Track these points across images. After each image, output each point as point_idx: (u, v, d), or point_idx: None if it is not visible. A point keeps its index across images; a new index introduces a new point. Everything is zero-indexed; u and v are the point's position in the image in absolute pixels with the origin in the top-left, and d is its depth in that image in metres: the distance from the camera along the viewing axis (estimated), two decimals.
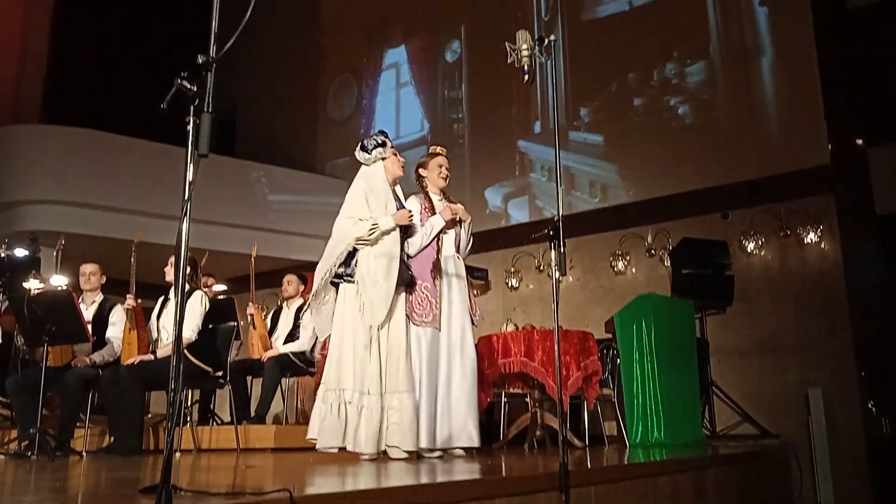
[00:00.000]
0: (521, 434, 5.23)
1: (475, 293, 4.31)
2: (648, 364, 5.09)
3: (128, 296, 5.14)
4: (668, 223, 7.10)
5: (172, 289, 5.02)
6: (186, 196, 1.87)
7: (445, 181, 4.21)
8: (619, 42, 7.90)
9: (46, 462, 4.06)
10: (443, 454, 3.84)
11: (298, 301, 6.01)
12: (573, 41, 8.25)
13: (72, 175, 7.95)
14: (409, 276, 3.82)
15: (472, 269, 4.30)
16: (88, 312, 5.15)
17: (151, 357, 4.89)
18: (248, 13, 2.01)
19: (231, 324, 5.29)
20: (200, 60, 1.90)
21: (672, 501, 3.32)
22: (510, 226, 8.25)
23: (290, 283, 6.08)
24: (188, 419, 5.57)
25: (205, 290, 5.25)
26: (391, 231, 3.74)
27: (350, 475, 2.84)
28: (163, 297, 5.17)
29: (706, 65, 7.40)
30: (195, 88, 1.90)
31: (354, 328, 3.66)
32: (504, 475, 2.89)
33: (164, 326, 5.03)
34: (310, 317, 5.76)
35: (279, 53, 10.51)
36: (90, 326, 4.98)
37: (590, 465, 3.42)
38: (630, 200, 7.55)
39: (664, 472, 3.35)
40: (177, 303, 1.95)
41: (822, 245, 6.46)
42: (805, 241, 6.50)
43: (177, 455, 4.65)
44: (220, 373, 5.06)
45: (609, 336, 5.52)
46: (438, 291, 3.99)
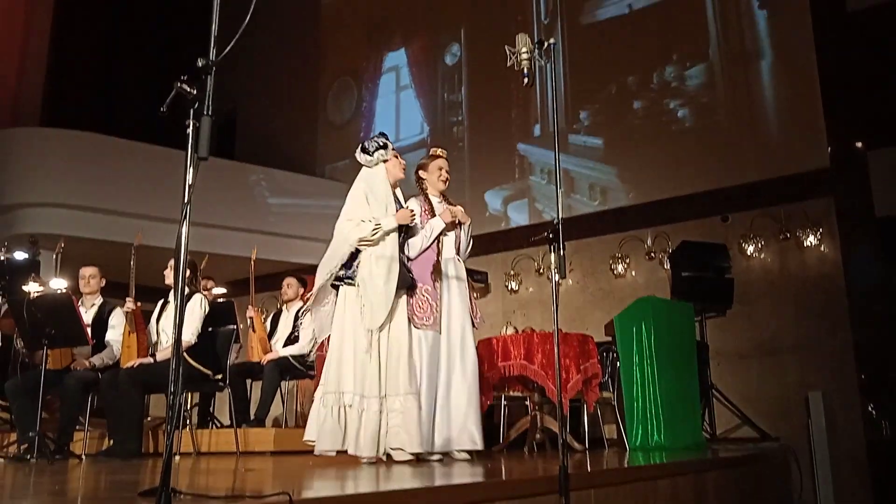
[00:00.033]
0: (521, 437, 5.22)
1: (475, 296, 4.30)
2: (648, 367, 5.09)
3: (127, 299, 5.14)
4: (668, 226, 7.11)
5: (172, 292, 5.02)
6: (186, 199, 1.87)
7: (445, 184, 4.19)
8: (619, 45, 7.91)
9: (46, 465, 4.05)
10: (442, 457, 3.82)
11: (298, 304, 6.02)
12: (573, 44, 8.26)
13: (72, 178, 7.95)
14: (410, 280, 3.82)
15: (472, 272, 4.29)
16: (88, 315, 5.16)
17: (151, 360, 4.89)
18: (248, 16, 2.01)
19: (230, 327, 5.30)
20: (200, 63, 1.91)
21: None
22: (510, 228, 8.25)
23: (290, 286, 6.08)
24: (188, 422, 5.56)
25: (204, 294, 5.26)
26: (392, 231, 3.74)
27: (349, 479, 2.83)
28: (162, 301, 5.17)
29: (706, 68, 7.40)
30: (195, 91, 1.90)
31: (355, 331, 3.65)
32: (504, 478, 2.89)
33: (164, 329, 5.03)
34: (309, 319, 5.78)
35: (279, 56, 10.52)
36: (89, 329, 4.99)
37: (590, 469, 3.42)
38: (630, 203, 7.55)
39: (664, 476, 3.35)
40: (176, 306, 1.95)
41: (822, 248, 6.46)
42: (805, 244, 6.51)
43: (176, 458, 4.64)
44: (220, 376, 5.06)
45: (609, 339, 5.52)
46: (439, 294, 3.99)
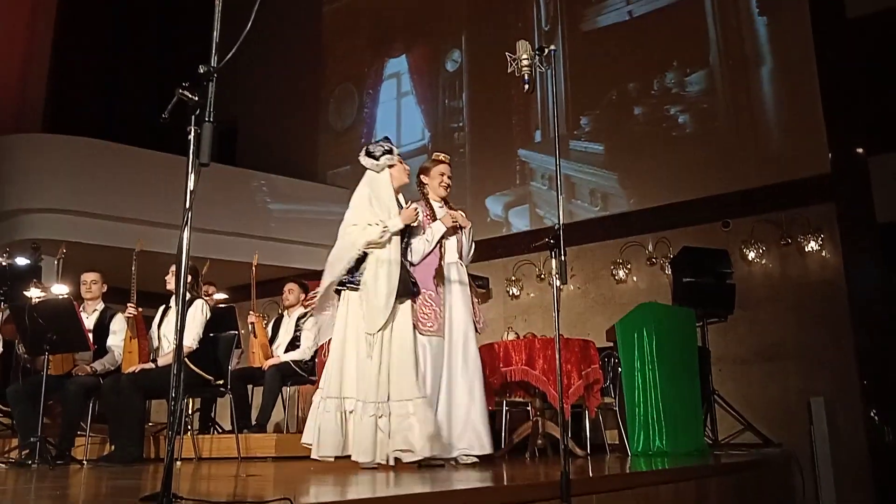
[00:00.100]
0: (523, 443, 5.22)
1: (477, 301, 4.29)
2: (650, 372, 5.09)
3: (129, 304, 5.15)
4: (669, 232, 7.11)
5: (173, 297, 5.03)
6: (187, 205, 1.88)
7: (446, 190, 4.18)
8: (619, 51, 7.92)
9: (47, 470, 4.05)
10: (444, 463, 3.81)
11: (299, 310, 6.02)
12: (573, 51, 8.27)
13: (74, 184, 7.97)
14: (413, 289, 3.78)
15: (474, 278, 4.28)
16: (89, 321, 5.16)
17: (152, 365, 4.89)
18: (250, 23, 2.02)
19: (232, 332, 5.31)
20: (202, 70, 1.92)
21: None
22: (511, 234, 8.25)
23: (291, 292, 6.09)
24: (189, 428, 5.56)
25: (206, 299, 5.26)
26: (398, 233, 3.74)
27: (350, 484, 2.84)
28: (164, 306, 5.18)
29: (706, 74, 7.42)
30: (196, 98, 1.91)
31: (357, 336, 3.63)
32: (505, 484, 2.88)
33: (165, 335, 5.03)
34: (311, 324, 5.78)
35: (281, 63, 10.54)
36: (91, 335, 4.99)
37: (591, 474, 3.42)
38: (631, 209, 7.56)
39: (666, 481, 3.34)
40: (178, 311, 1.95)
41: (823, 253, 6.46)
42: (806, 250, 6.50)
43: (177, 464, 4.64)
44: (221, 381, 5.06)
45: (610, 344, 5.52)
46: (442, 299, 3.98)
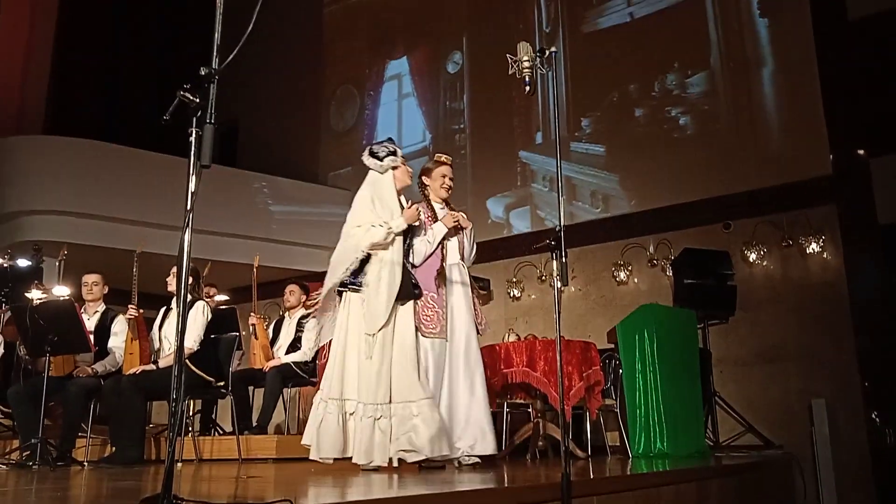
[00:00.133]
0: (524, 444, 5.22)
1: (479, 302, 4.29)
2: (651, 374, 5.08)
3: (130, 306, 5.15)
4: (670, 233, 7.10)
5: (175, 299, 5.03)
6: (189, 206, 1.88)
7: (448, 192, 4.17)
8: (620, 53, 7.92)
9: (48, 472, 4.05)
10: (444, 465, 3.80)
11: (300, 311, 6.02)
12: (574, 52, 8.28)
13: (75, 186, 7.98)
14: (414, 292, 3.77)
15: (474, 279, 4.28)
16: (90, 322, 5.16)
17: (153, 367, 4.89)
18: (251, 25, 2.02)
19: (233, 334, 5.31)
20: (203, 72, 1.92)
21: None
22: (512, 236, 8.25)
23: (292, 294, 6.09)
24: (190, 429, 5.56)
25: (207, 301, 5.26)
26: (401, 234, 3.74)
27: (350, 485, 2.84)
28: (165, 308, 5.18)
29: (707, 75, 7.42)
30: (198, 100, 1.91)
31: (358, 338, 3.63)
32: (506, 485, 2.88)
33: (166, 336, 5.03)
34: (312, 325, 5.78)
35: (282, 64, 10.55)
36: (92, 336, 4.99)
37: (592, 476, 3.42)
38: (632, 210, 7.55)
39: (667, 483, 3.34)
40: (179, 313, 1.95)
41: (825, 255, 6.45)
42: (807, 251, 6.50)
43: (178, 465, 4.64)
44: (222, 383, 5.06)
45: (611, 346, 5.52)
46: (444, 300, 3.98)
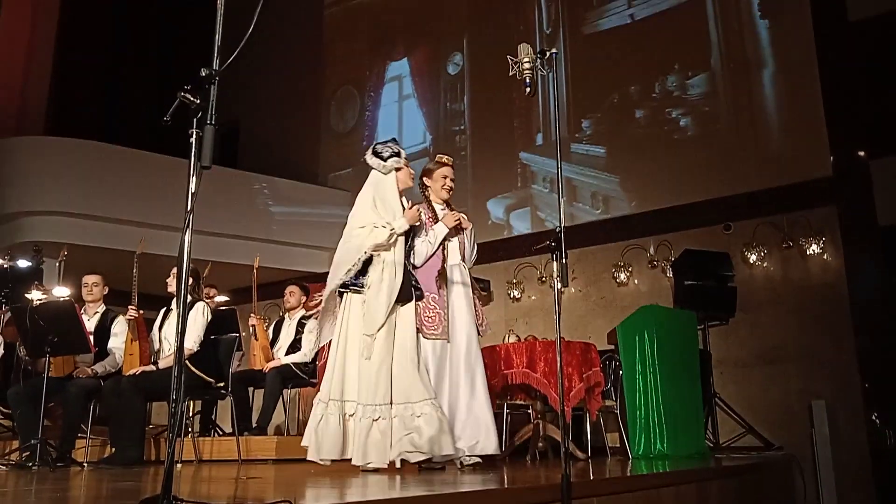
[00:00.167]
0: (524, 445, 5.21)
1: (479, 303, 4.28)
2: (651, 375, 5.08)
3: (130, 307, 5.15)
4: (671, 234, 7.10)
5: (175, 300, 5.03)
6: (189, 207, 1.88)
7: (449, 193, 4.15)
8: (621, 54, 7.92)
9: (47, 473, 4.05)
10: (444, 466, 3.80)
11: (300, 312, 6.02)
12: (574, 54, 8.28)
13: (75, 186, 7.98)
14: (413, 293, 3.76)
15: (475, 280, 4.28)
16: (91, 323, 5.16)
17: (153, 368, 4.89)
18: (252, 27, 2.03)
19: (233, 335, 5.31)
20: (203, 73, 1.92)
21: None
22: (512, 237, 8.25)
23: (293, 294, 6.09)
24: (189, 430, 5.56)
25: (207, 301, 5.26)
26: (402, 235, 3.74)
27: (350, 486, 2.83)
28: (165, 308, 5.18)
29: (708, 77, 7.42)
30: (198, 101, 1.91)
31: (359, 339, 3.62)
32: (506, 486, 2.88)
33: (166, 337, 5.03)
34: (312, 326, 5.78)
35: (282, 65, 10.56)
36: (92, 337, 4.99)
37: (592, 477, 3.41)
38: (632, 212, 7.55)
39: (667, 484, 3.34)
40: (179, 314, 1.96)
41: (825, 256, 6.45)
42: (807, 253, 6.50)
43: (178, 466, 4.64)
44: (222, 384, 5.06)
45: (611, 347, 5.52)
46: (445, 301, 3.97)
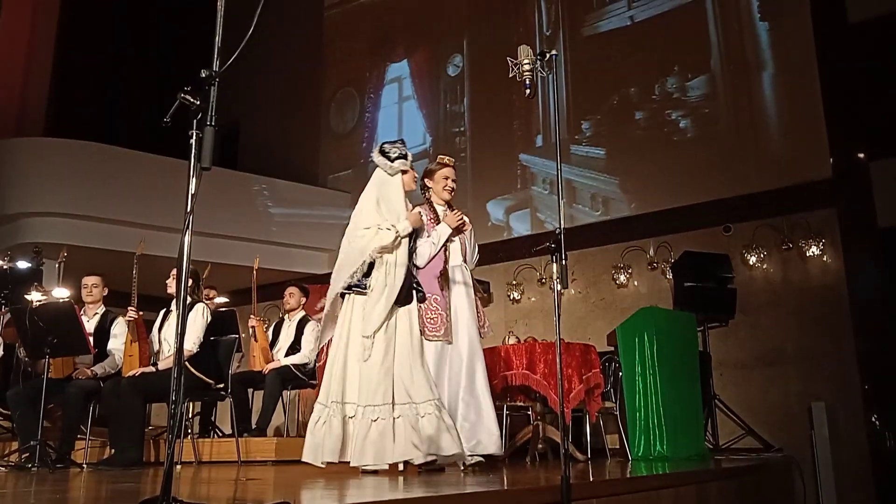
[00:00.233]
0: (523, 447, 5.21)
1: (480, 304, 4.28)
2: (651, 377, 5.08)
3: (129, 308, 5.15)
4: (670, 236, 7.10)
5: (174, 301, 5.03)
6: (189, 208, 1.88)
7: (450, 194, 4.14)
8: (621, 56, 7.93)
9: (47, 474, 4.05)
10: (444, 467, 3.79)
11: (300, 313, 6.02)
12: (574, 56, 8.28)
13: (75, 188, 7.98)
14: (414, 295, 3.77)
15: (476, 282, 4.29)
16: (90, 324, 5.16)
17: (153, 369, 4.89)
18: (252, 28, 2.03)
19: (233, 336, 5.31)
20: (203, 74, 1.92)
21: None
22: (512, 238, 8.25)
23: (292, 296, 6.09)
24: (189, 431, 5.56)
25: (206, 303, 5.26)
26: (406, 237, 3.74)
27: (350, 487, 2.83)
28: (164, 310, 5.18)
29: (707, 79, 7.42)
30: (198, 102, 1.91)
31: (359, 340, 3.63)
32: (506, 488, 2.88)
33: (166, 338, 5.03)
34: (312, 327, 5.79)
35: (282, 67, 10.56)
36: (92, 338, 4.99)
37: (592, 479, 3.41)
38: (632, 213, 7.55)
39: (667, 486, 3.34)
40: (178, 315, 1.96)
41: (825, 258, 6.45)
42: (807, 255, 6.50)
43: (177, 467, 4.63)
44: (222, 385, 5.06)
45: (611, 349, 5.52)
46: (447, 302, 3.97)
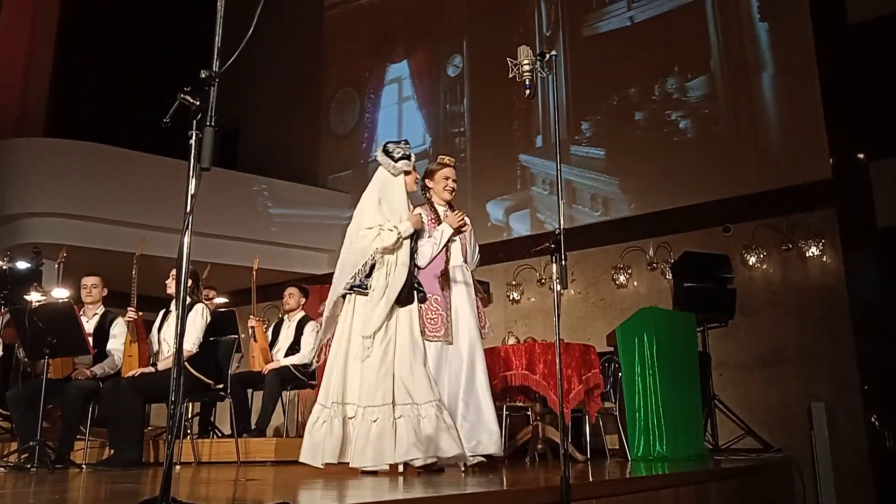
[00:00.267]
0: (523, 447, 5.21)
1: (481, 305, 4.28)
2: (650, 377, 5.09)
3: (129, 308, 5.15)
4: (670, 236, 7.10)
5: (174, 301, 5.03)
6: (188, 209, 1.88)
7: (451, 194, 4.14)
8: (621, 57, 7.93)
9: (46, 474, 4.05)
10: (443, 468, 3.79)
11: (300, 314, 6.02)
12: (574, 56, 8.28)
13: (75, 188, 7.97)
14: (416, 295, 3.77)
15: (477, 283, 4.29)
16: (90, 325, 5.16)
17: (152, 369, 4.89)
18: (252, 28, 2.03)
19: (232, 336, 5.31)
20: (203, 75, 1.92)
21: None
22: (511, 239, 8.25)
23: (292, 296, 6.08)
24: (188, 432, 5.56)
25: (206, 303, 5.26)
26: (407, 237, 3.74)
27: (349, 488, 2.83)
28: (164, 310, 5.18)
29: (707, 79, 7.42)
30: (198, 102, 1.91)
31: (360, 340, 3.63)
32: (505, 488, 2.88)
33: (165, 339, 5.03)
34: (312, 327, 5.79)
35: (282, 67, 10.56)
36: (91, 339, 4.98)
37: (591, 479, 3.41)
38: (631, 214, 7.55)
39: (666, 486, 3.34)
40: (178, 315, 1.95)
41: (824, 258, 6.45)
42: (807, 255, 6.50)
43: (177, 468, 4.63)
44: (221, 385, 5.06)
45: (611, 349, 5.52)
46: (448, 303, 3.97)
